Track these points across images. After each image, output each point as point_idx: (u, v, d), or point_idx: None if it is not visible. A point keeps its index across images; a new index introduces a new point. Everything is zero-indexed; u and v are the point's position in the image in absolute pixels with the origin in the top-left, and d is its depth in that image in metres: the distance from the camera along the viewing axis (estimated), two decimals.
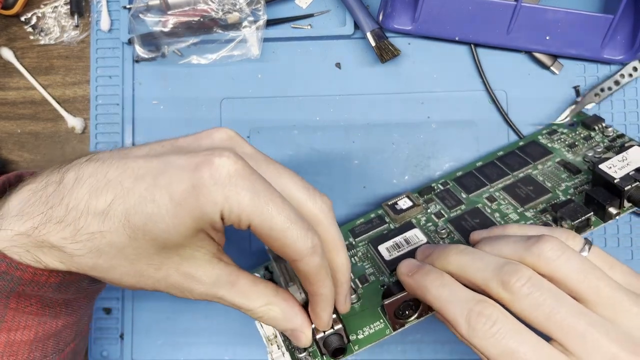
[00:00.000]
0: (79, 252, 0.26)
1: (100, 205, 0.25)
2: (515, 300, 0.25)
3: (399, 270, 0.30)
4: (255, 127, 0.45)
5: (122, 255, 0.26)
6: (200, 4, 0.44)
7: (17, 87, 0.48)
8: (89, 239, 0.25)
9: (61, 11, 0.48)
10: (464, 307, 0.26)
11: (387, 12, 0.42)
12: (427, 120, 0.45)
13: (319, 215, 0.28)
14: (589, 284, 0.25)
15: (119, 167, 0.26)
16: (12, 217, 0.26)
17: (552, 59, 0.43)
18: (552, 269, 0.26)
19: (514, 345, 0.24)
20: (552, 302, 0.25)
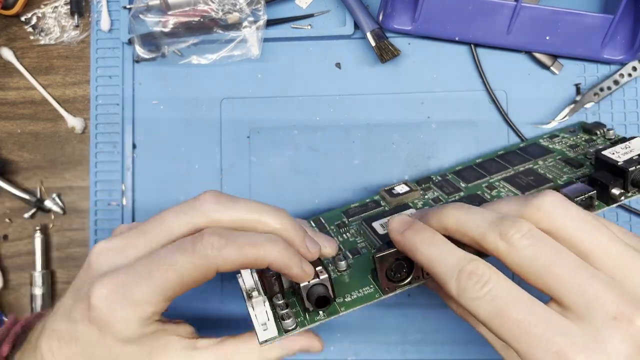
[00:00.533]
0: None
1: None
2: (513, 252, 0.24)
3: (390, 227, 0.29)
4: (255, 127, 0.45)
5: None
6: (200, 4, 0.44)
7: (17, 87, 0.48)
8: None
9: (61, 11, 0.48)
10: (454, 267, 0.25)
11: (387, 12, 0.42)
12: (427, 120, 0.45)
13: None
14: (592, 238, 0.24)
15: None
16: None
17: (552, 59, 0.43)
18: (553, 221, 0.24)
19: (506, 305, 0.23)
20: (551, 253, 0.23)
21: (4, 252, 0.47)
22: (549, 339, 0.22)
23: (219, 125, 0.46)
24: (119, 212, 0.46)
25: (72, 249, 0.47)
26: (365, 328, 0.44)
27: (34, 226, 0.47)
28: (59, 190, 0.47)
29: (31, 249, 0.47)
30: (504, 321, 0.23)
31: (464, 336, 0.43)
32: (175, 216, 0.29)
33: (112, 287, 0.27)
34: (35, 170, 0.47)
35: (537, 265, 0.23)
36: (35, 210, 0.47)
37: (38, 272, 0.46)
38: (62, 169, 0.47)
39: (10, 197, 0.47)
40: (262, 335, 0.29)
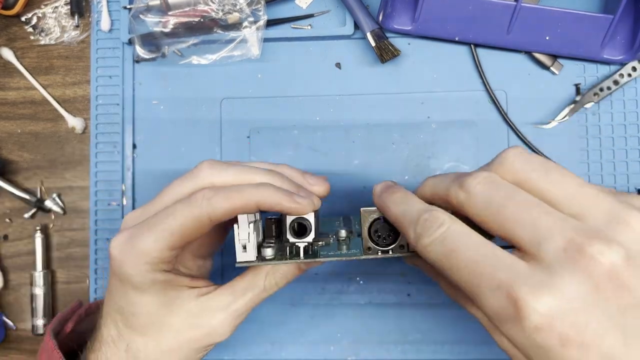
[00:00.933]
0: None
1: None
2: (471, 199, 0.24)
3: (374, 192, 0.31)
4: (255, 127, 0.45)
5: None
6: (200, 5, 0.44)
7: (18, 87, 0.48)
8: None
9: (61, 11, 0.48)
10: (415, 216, 0.26)
11: (387, 12, 0.42)
12: (427, 120, 0.45)
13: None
14: (554, 184, 0.23)
15: None
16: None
17: (551, 59, 0.43)
18: (516, 173, 0.25)
19: (456, 245, 0.24)
20: (505, 194, 0.23)
21: (4, 252, 0.47)
22: (493, 275, 0.22)
23: (219, 125, 0.46)
24: (119, 212, 0.46)
25: (72, 249, 0.47)
26: (365, 328, 0.44)
27: (34, 226, 0.47)
28: (59, 190, 0.47)
29: (31, 249, 0.47)
30: (454, 261, 0.23)
31: (463, 336, 0.43)
32: (179, 184, 0.33)
33: (124, 238, 0.31)
34: (35, 170, 0.47)
35: (492, 207, 0.23)
36: (35, 210, 0.47)
37: (38, 272, 0.46)
38: (63, 169, 0.47)
39: (11, 197, 0.47)
40: (240, 256, 0.30)
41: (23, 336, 0.47)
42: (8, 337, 0.47)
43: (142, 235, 0.30)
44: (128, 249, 0.31)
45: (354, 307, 0.44)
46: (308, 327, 0.44)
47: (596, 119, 0.44)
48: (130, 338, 0.33)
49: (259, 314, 0.45)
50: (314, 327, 0.44)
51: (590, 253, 0.21)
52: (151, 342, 0.33)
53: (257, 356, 0.44)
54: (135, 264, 0.30)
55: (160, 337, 0.33)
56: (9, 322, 0.47)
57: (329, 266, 0.44)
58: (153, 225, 0.30)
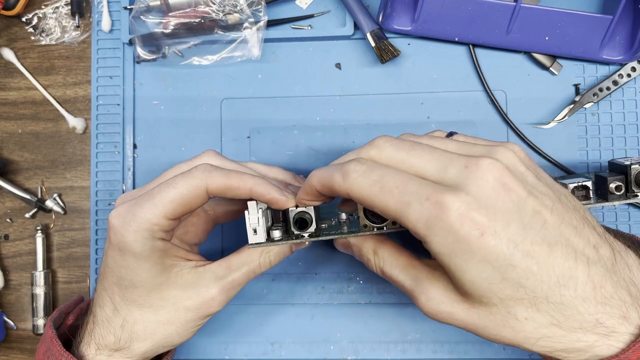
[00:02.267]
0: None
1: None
2: (352, 183, 0.28)
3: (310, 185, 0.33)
4: (255, 127, 0.46)
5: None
6: (201, 5, 0.44)
7: (18, 87, 0.48)
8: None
9: (62, 12, 0.48)
10: (339, 167, 0.29)
11: (387, 12, 0.43)
12: (427, 120, 0.45)
13: None
14: (415, 154, 0.28)
15: None
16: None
17: (551, 59, 0.44)
18: (386, 154, 0.29)
19: (384, 174, 0.27)
20: (380, 172, 0.28)
21: (5, 252, 0.48)
22: (420, 191, 0.26)
23: (219, 125, 0.46)
24: None
25: (73, 248, 0.47)
26: (365, 327, 0.44)
27: (35, 226, 0.47)
28: (60, 190, 0.47)
29: (32, 249, 0.47)
30: (383, 189, 0.27)
31: (462, 335, 0.44)
32: (180, 165, 0.35)
33: (124, 209, 0.32)
34: (36, 170, 0.48)
35: (372, 186, 0.27)
36: (36, 210, 0.47)
37: (39, 271, 0.46)
38: (63, 169, 0.47)
39: (11, 197, 0.47)
40: (252, 238, 0.33)
41: (24, 336, 0.47)
42: (9, 337, 0.47)
43: (143, 204, 0.32)
44: (129, 217, 0.32)
45: (353, 307, 0.44)
46: (308, 327, 0.45)
47: (595, 119, 0.44)
48: (127, 312, 0.34)
49: (258, 314, 0.45)
50: (314, 327, 0.44)
51: (485, 164, 0.26)
52: (148, 314, 0.34)
53: (257, 356, 0.45)
54: (136, 230, 0.32)
55: (157, 308, 0.34)
56: (10, 321, 0.47)
57: (329, 266, 0.45)
58: (153, 196, 0.32)
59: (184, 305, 0.34)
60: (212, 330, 0.45)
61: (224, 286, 0.35)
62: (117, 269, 0.33)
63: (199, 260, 0.36)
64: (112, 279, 0.34)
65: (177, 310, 0.34)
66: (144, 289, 0.34)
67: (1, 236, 0.48)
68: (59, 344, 0.34)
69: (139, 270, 0.33)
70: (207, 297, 0.34)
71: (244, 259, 0.36)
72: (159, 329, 0.34)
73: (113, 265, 0.34)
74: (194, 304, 0.34)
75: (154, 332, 0.34)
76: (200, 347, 0.45)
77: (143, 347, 0.35)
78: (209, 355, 0.45)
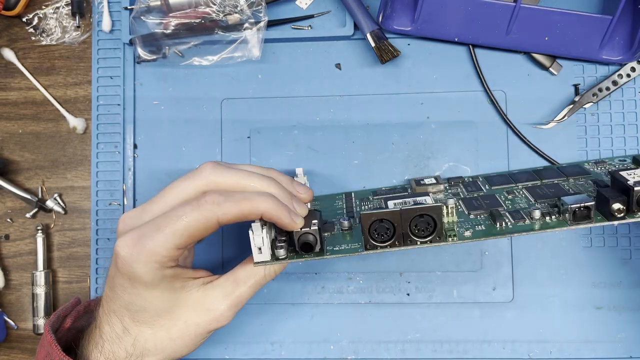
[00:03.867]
0: None
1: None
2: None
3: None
4: (255, 128, 0.46)
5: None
6: (201, 6, 0.44)
7: (19, 87, 0.48)
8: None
9: (62, 12, 0.48)
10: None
11: (386, 13, 0.43)
12: (426, 120, 0.45)
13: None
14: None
15: None
16: None
17: (551, 59, 0.44)
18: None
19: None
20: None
21: (6, 252, 0.48)
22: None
23: (219, 125, 0.46)
24: (120, 211, 0.46)
25: (74, 248, 0.47)
26: (365, 327, 0.44)
27: (35, 226, 0.47)
28: (61, 190, 0.47)
29: (32, 249, 0.47)
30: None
31: (462, 335, 0.44)
32: (181, 183, 0.35)
33: (131, 240, 0.32)
34: (36, 170, 0.48)
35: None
36: (36, 210, 0.47)
37: (39, 271, 0.46)
38: (64, 169, 0.48)
39: (12, 197, 0.47)
40: (257, 257, 0.35)
41: (24, 335, 0.47)
42: (9, 337, 0.47)
43: (152, 236, 0.32)
44: (138, 249, 0.32)
45: (353, 306, 0.44)
46: (308, 327, 0.45)
47: (595, 119, 0.44)
48: (138, 331, 0.35)
49: (259, 314, 0.45)
50: (314, 327, 0.45)
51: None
52: (160, 331, 0.35)
53: (257, 355, 0.45)
54: (146, 263, 0.32)
55: (169, 326, 0.35)
56: (10, 321, 0.47)
57: (329, 266, 0.45)
58: (162, 227, 0.32)
59: (194, 322, 0.35)
60: None
61: (232, 302, 0.36)
62: (126, 296, 0.34)
63: (205, 276, 0.37)
64: (121, 302, 0.34)
65: (187, 327, 0.35)
66: (154, 312, 0.34)
67: (2, 236, 0.48)
68: (58, 349, 0.34)
69: (149, 297, 0.34)
70: (216, 314, 0.36)
71: (250, 271, 0.36)
72: (170, 345, 0.35)
73: (121, 292, 0.34)
74: (203, 321, 0.35)
75: (165, 347, 0.35)
76: (200, 347, 0.45)
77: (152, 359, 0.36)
78: (209, 355, 0.45)
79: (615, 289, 0.43)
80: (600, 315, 0.43)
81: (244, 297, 0.36)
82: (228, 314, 0.36)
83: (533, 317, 0.43)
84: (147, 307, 0.34)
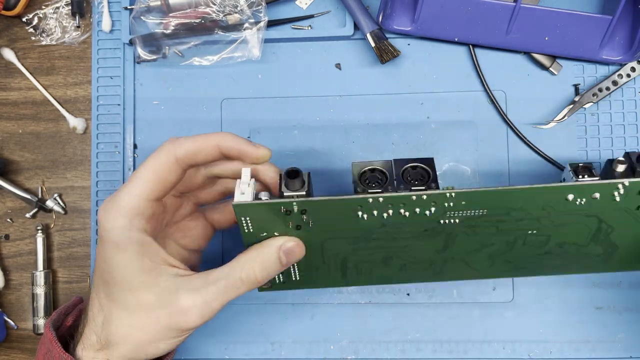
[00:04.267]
0: None
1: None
2: None
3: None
4: (255, 128, 0.46)
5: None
6: (201, 6, 0.44)
7: (19, 87, 0.48)
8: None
9: (62, 12, 0.48)
10: None
11: (386, 13, 0.43)
12: (426, 120, 0.45)
13: None
14: None
15: None
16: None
17: (551, 59, 0.44)
18: None
19: None
20: None
21: (6, 252, 0.48)
22: None
23: (219, 125, 0.46)
24: None
25: (74, 248, 0.47)
26: (365, 327, 0.44)
27: (35, 226, 0.47)
28: (61, 190, 0.47)
29: (33, 249, 0.47)
30: None
31: (462, 335, 0.44)
32: (146, 161, 0.35)
33: (107, 200, 0.33)
34: (36, 170, 0.48)
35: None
36: (36, 210, 0.47)
37: (39, 271, 0.46)
38: (64, 169, 0.48)
39: (12, 197, 0.47)
40: (238, 198, 0.32)
41: (24, 335, 0.47)
42: (9, 337, 0.47)
43: (121, 191, 0.33)
44: (109, 205, 0.33)
45: (353, 307, 0.44)
46: (308, 327, 0.45)
47: (595, 119, 0.44)
48: (108, 310, 0.34)
49: (258, 314, 0.45)
50: (314, 327, 0.45)
51: None
52: (124, 315, 0.33)
53: (257, 355, 0.45)
54: (114, 217, 0.32)
55: (132, 311, 0.33)
56: (10, 321, 0.47)
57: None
58: (129, 180, 0.33)
59: (156, 313, 0.33)
60: (212, 330, 0.45)
61: (196, 299, 0.32)
62: (100, 263, 0.34)
63: (183, 269, 0.34)
64: (97, 273, 0.34)
65: (149, 317, 0.33)
66: (120, 285, 0.33)
67: (2, 236, 0.48)
68: (58, 346, 0.34)
69: (116, 261, 0.32)
70: (178, 307, 0.32)
71: (223, 272, 0.33)
72: (132, 334, 0.33)
73: (98, 260, 0.34)
74: (164, 314, 0.32)
75: (126, 335, 0.33)
76: (200, 347, 0.45)
77: (120, 351, 0.33)
78: (209, 355, 0.45)
79: (615, 289, 0.43)
80: (600, 315, 0.43)
81: (210, 299, 0.32)
82: (192, 311, 0.32)
83: (533, 317, 0.43)
84: (115, 275, 0.33)
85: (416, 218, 0.33)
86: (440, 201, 0.32)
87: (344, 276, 0.38)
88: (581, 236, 0.35)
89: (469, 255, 0.36)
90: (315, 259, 0.36)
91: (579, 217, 0.34)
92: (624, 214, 0.34)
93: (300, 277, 0.37)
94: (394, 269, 0.37)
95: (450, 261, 0.37)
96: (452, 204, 0.32)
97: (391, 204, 0.32)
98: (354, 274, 0.37)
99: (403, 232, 0.34)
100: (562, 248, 0.36)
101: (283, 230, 0.34)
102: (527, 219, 0.34)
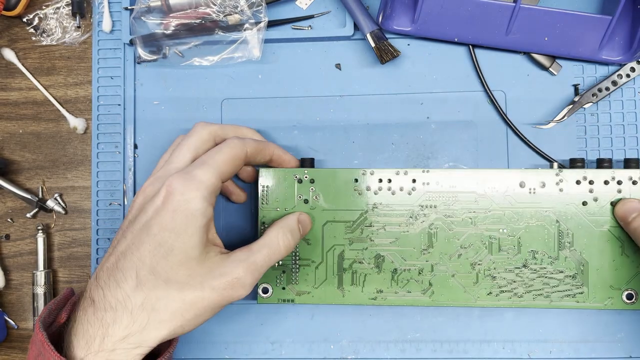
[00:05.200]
0: None
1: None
2: None
3: None
4: (255, 128, 0.46)
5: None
6: (201, 6, 0.44)
7: (19, 87, 0.48)
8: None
9: (63, 12, 0.48)
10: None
11: (386, 13, 0.43)
12: (426, 120, 0.45)
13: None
14: None
15: None
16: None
17: (550, 59, 0.44)
18: None
19: None
20: None
21: (6, 252, 0.48)
22: None
23: None
24: (120, 212, 0.46)
25: (74, 248, 0.47)
26: (365, 327, 0.44)
27: (35, 226, 0.47)
28: (61, 190, 0.48)
29: (33, 249, 0.47)
30: None
31: (462, 334, 0.44)
32: (187, 140, 0.39)
33: (180, 176, 0.35)
34: (37, 170, 0.48)
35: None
36: (37, 210, 0.47)
37: (40, 271, 0.46)
38: (64, 169, 0.48)
39: (13, 197, 0.47)
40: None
41: (25, 335, 0.47)
42: (10, 337, 0.47)
43: (199, 168, 0.35)
44: (189, 179, 0.34)
45: (353, 306, 0.44)
46: (308, 327, 0.45)
47: (594, 119, 0.44)
48: (152, 287, 0.33)
49: (258, 314, 0.45)
50: (314, 327, 0.45)
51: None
52: (174, 290, 0.33)
53: (257, 355, 0.45)
54: (197, 188, 0.34)
55: (183, 285, 0.33)
56: (11, 321, 0.47)
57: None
58: (205, 161, 0.36)
59: (210, 284, 0.34)
60: (212, 330, 0.45)
61: (248, 267, 0.35)
62: (159, 235, 0.33)
63: (222, 248, 0.37)
64: (147, 247, 0.33)
65: (202, 290, 0.34)
66: (178, 258, 0.33)
67: (2, 236, 0.48)
68: (51, 349, 0.32)
69: (187, 230, 0.34)
70: (233, 276, 0.34)
71: (264, 241, 0.37)
72: (180, 312, 0.33)
73: (157, 231, 0.33)
74: (219, 284, 0.34)
75: (174, 313, 0.33)
76: (200, 347, 0.45)
77: (159, 333, 0.33)
78: (209, 355, 0.45)
79: None
80: (600, 315, 0.43)
81: (259, 264, 0.36)
82: (245, 279, 0.35)
83: (533, 317, 0.43)
84: (175, 247, 0.33)
85: (401, 199, 0.41)
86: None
87: (340, 284, 0.41)
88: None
89: (451, 260, 0.41)
90: (315, 251, 0.41)
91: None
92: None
93: (299, 283, 0.42)
94: (386, 276, 0.41)
95: (438, 276, 0.41)
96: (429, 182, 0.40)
97: (380, 179, 0.41)
98: (349, 281, 0.41)
99: (392, 215, 0.41)
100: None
101: (293, 206, 0.41)
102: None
